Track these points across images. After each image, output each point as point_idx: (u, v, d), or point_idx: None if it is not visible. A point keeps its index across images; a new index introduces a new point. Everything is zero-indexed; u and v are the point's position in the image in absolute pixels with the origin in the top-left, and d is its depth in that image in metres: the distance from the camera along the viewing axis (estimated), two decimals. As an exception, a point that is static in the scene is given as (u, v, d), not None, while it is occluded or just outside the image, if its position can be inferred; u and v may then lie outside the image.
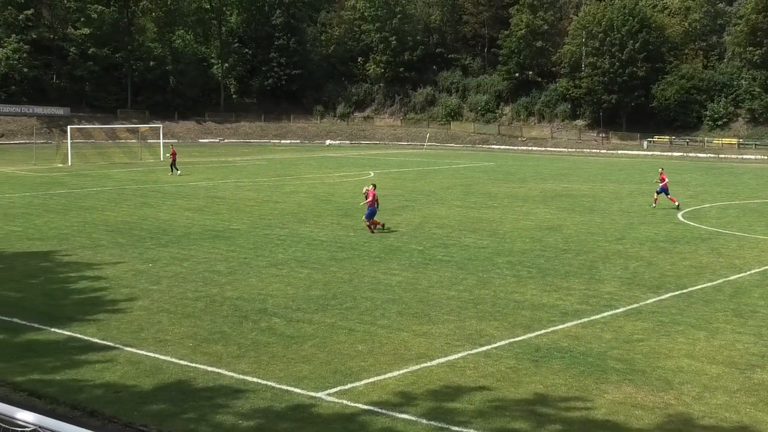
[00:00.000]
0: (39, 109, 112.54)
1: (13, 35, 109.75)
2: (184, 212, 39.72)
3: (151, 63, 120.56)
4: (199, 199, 45.17)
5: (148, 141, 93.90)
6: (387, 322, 19.87)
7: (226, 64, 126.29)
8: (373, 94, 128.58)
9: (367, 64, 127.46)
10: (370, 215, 33.86)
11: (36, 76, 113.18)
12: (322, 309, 21.02)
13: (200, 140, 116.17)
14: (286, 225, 35.64)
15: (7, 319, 19.96)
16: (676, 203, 42.77)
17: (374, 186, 34.71)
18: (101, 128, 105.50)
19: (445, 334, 18.87)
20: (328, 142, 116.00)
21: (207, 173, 62.92)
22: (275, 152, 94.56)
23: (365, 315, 20.48)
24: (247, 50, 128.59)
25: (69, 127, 78.20)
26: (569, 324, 19.85)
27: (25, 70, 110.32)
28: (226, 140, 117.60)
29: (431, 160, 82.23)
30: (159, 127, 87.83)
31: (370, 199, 33.90)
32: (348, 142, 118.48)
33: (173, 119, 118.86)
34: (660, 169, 45.58)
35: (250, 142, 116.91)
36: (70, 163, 69.26)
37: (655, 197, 43.63)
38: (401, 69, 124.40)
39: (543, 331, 19.18)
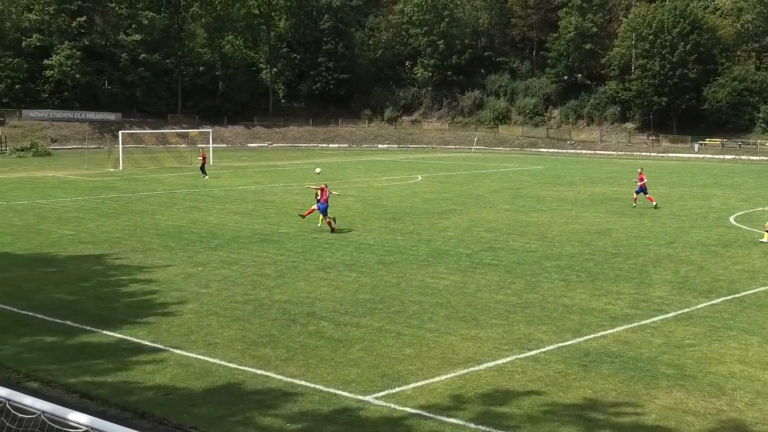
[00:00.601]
0: (91, 115, 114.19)
1: (66, 42, 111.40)
2: (233, 216, 39.99)
3: (201, 68, 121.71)
4: (248, 203, 45.45)
5: (198, 145, 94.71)
6: (435, 325, 19.83)
7: (275, 69, 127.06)
8: (420, 97, 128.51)
9: (415, 68, 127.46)
10: (324, 211, 34.89)
11: (88, 82, 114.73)
12: (370, 312, 21.03)
13: (249, 144, 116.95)
14: (334, 229, 35.73)
15: (60, 321, 20.25)
16: (654, 203, 43.99)
17: (326, 185, 35.90)
18: (152, 133, 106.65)
19: (493, 338, 18.79)
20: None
21: (256, 177, 63.30)
22: (323, 156, 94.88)
23: (413, 319, 20.45)
24: (295, 55, 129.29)
25: (120, 132, 79.17)
26: (619, 328, 19.66)
27: (78, 76, 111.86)
28: (274, 144, 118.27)
29: (479, 164, 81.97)
30: (208, 132, 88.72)
31: (325, 196, 35.13)
32: (396, 145, 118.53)
33: (222, 124, 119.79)
34: (639, 169, 46.03)
35: (298, 146, 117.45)
36: (121, 168, 70.11)
37: (635, 197, 44.54)
38: (449, 72, 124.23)
39: (592, 336, 19.01)
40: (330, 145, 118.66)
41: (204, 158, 63.89)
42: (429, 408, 14.49)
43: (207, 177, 60.59)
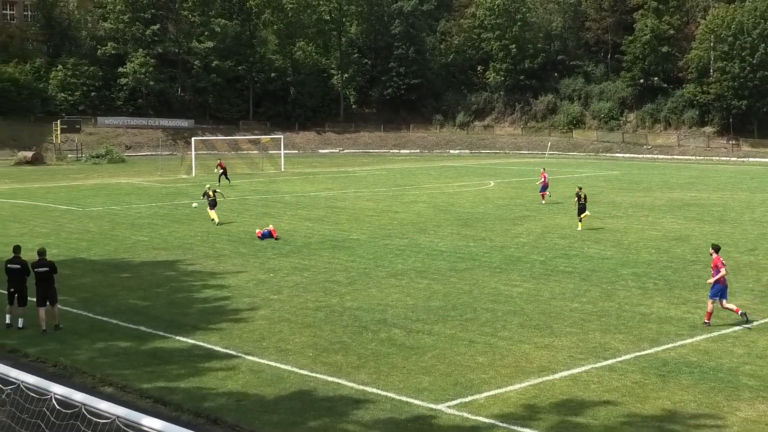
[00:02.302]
0: (164, 122, 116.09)
1: (140, 50, 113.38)
2: (305, 222, 40.25)
3: (273, 74, 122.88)
4: (320, 209, 45.71)
5: (269, 152, 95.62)
6: (508, 333, 19.70)
7: (346, 75, 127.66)
8: (493, 102, 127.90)
9: (487, 73, 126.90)
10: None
11: (162, 89, 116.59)
12: (442, 320, 20.98)
13: (320, 150, 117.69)
14: (406, 235, 35.74)
15: (134, 327, 20.59)
16: (543, 201, 48.01)
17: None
18: (224, 139, 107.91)
19: (568, 346, 18.59)
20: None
21: (327, 183, 63.65)
22: (394, 162, 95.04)
23: (486, 326, 20.34)
24: (366, 60, 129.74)
25: (193, 138, 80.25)
26: (698, 338, 19.30)
27: (152, 83, 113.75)
28: (345, 150, 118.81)
29: (553, 169, 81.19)
30: (280, 138, 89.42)
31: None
32: (468, 151, 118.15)
33: (294, 130, 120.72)
34: (542, 169, 51.21)
35: (369, 152, 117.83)
36: (194, 174, 71.05)
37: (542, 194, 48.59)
38: (521, 77, 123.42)
39: (670, 345, 18.69)
40: (401, 151, 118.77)
41: (224, 167, 63.07)
42: (502, 417, 14.37)
43: (229, 183, 60.21)
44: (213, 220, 39.45)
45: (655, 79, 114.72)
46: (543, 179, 49.04)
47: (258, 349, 18.52)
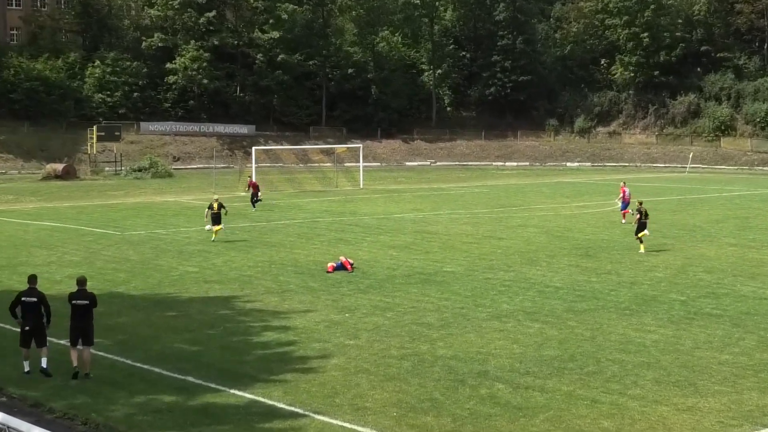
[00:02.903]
0: (220, 128, 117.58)
1: (192, 42, 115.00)
2: (388, 250, 40.25)
3: (350, 70, 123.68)
4: (406, 235, 45.69)
5: (345, 164, 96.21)
6: (640, 392, 19.38)
7: (439, 71, 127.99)
8: (620, 104, 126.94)
9: (613, 67, 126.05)
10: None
11: (217, 89, 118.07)
12: (557, 373, 20.72)
13: (407, 163, 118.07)
14: (512, 267, 35.50)
15: (180, 377, 20.71)
16: (624, 221, 49.73)
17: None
18: (291, 149, 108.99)
19: (717, 409, 18.21)
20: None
21: (415, 203, 63.67)
22: (498, 177, 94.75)
23: (612, 382, 20.04)
24: (464, 53, 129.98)
25: (254, 148, 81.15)
26: None
27: (205, 81, 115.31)
28: (438, 163, 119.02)
29: (695, 187, 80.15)
30: (358, 147, 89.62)
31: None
32: (589, 163, 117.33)
33: (375, 138, 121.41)
34: (622, 183, 54.49)
35: (467, 164, 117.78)
36: (254, 191, 71.77)
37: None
38: (656, 72, 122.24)
39: None
40: (506, 164, 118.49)
41: (255, 187, 60.79)
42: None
43: (255, 209, 58.08)
44: (210, 231, 43.27)
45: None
46: (623, 194, 52.35)
47: (330, 407, 18.46)
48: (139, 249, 41.03)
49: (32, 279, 21.53)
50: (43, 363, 20.85)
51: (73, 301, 20.95)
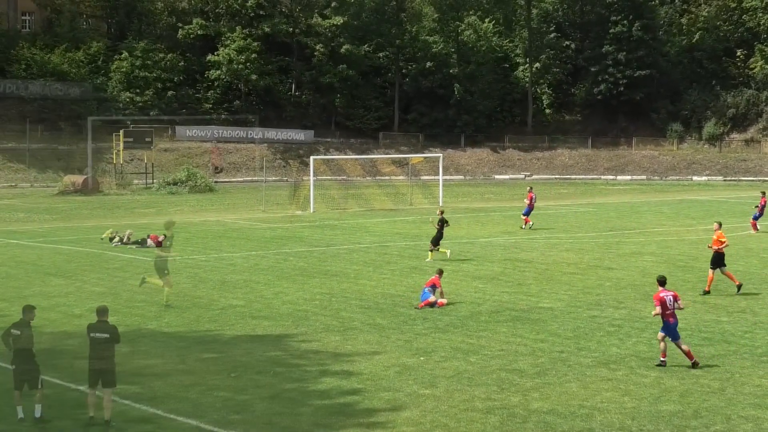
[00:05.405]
0: (271, 133, 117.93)
1: (239, 28, 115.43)
2: (472, 281, 40.23)
3: (428, 64, 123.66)
4: (494, 263, 45.65)
5: (422, 177, 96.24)
6: (779, 456, 19.25)
7: (537, 64, 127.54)
8: (759, 105, 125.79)
9: (752, 60, 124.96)
10: None
11: (268, 86, 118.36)
12: (678, 432, 20.66)
13: (496, 176, 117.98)
14: (624, 303, 35.35)
15: (222, 431, 20.90)
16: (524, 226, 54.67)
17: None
18: (356, 159, 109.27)
19: None
20: None
21: (506, 224, 63.57)
22: (608, 194, 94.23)
23: (746, 445, 19.94)
24: (568, 42, 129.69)
25: (312, 157, 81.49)
26: None
27: (254, 77, 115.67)
28: (534, 176, 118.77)
29: None
30: (438, 157, 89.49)
31: None
32: (720, 177, 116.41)
33: (458, 146, 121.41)
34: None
35: (569, 178, 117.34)
36: (312, 210, 72.03)
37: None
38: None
39: None
40: (618, 177, 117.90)
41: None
42: None
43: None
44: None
45: None
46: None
47: (400, 469, 18.57)
48: (174, 278, 41.32)
49: (27, 309, 21.77)
50: (37, 412, 21.03)
51: (92, 334, 21.23)
